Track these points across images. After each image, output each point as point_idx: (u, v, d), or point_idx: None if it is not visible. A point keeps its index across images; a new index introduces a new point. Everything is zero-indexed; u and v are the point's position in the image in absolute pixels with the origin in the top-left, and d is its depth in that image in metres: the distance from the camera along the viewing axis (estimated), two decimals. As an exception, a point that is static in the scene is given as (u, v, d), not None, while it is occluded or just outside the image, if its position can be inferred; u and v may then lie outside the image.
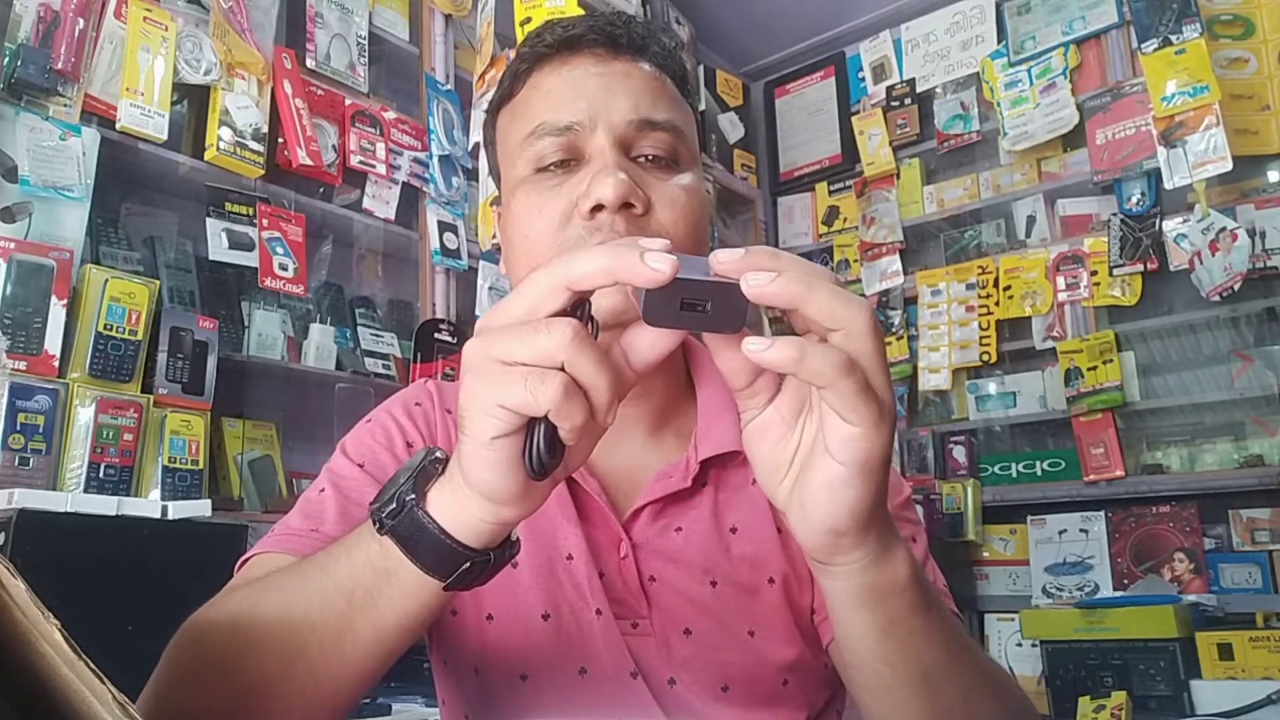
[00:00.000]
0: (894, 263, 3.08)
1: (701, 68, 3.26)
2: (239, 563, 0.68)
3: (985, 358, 2.85)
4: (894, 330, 3.04)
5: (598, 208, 0.68)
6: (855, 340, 0.43)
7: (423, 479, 0.50)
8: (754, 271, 0.42)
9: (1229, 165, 2.36)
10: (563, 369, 0.43)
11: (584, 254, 0.43)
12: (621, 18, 0.76)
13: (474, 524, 0.49)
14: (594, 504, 0.73)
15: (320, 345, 1.98)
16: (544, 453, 0.46)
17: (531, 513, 0.50)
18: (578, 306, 0.45)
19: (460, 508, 0.49)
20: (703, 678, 0.70)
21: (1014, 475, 2.79)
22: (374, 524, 0.51)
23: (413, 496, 0.50)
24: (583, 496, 0.74)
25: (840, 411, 0.43)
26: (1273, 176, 2.52)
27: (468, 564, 0.50)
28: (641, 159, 0.72)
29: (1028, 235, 2.90)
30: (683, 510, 0.74)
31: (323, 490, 0.71)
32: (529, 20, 2.03)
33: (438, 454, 0.51)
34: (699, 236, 0.73)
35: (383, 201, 2.14)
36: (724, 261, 0.43)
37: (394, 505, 0.50)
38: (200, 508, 1.43)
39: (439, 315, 2.17)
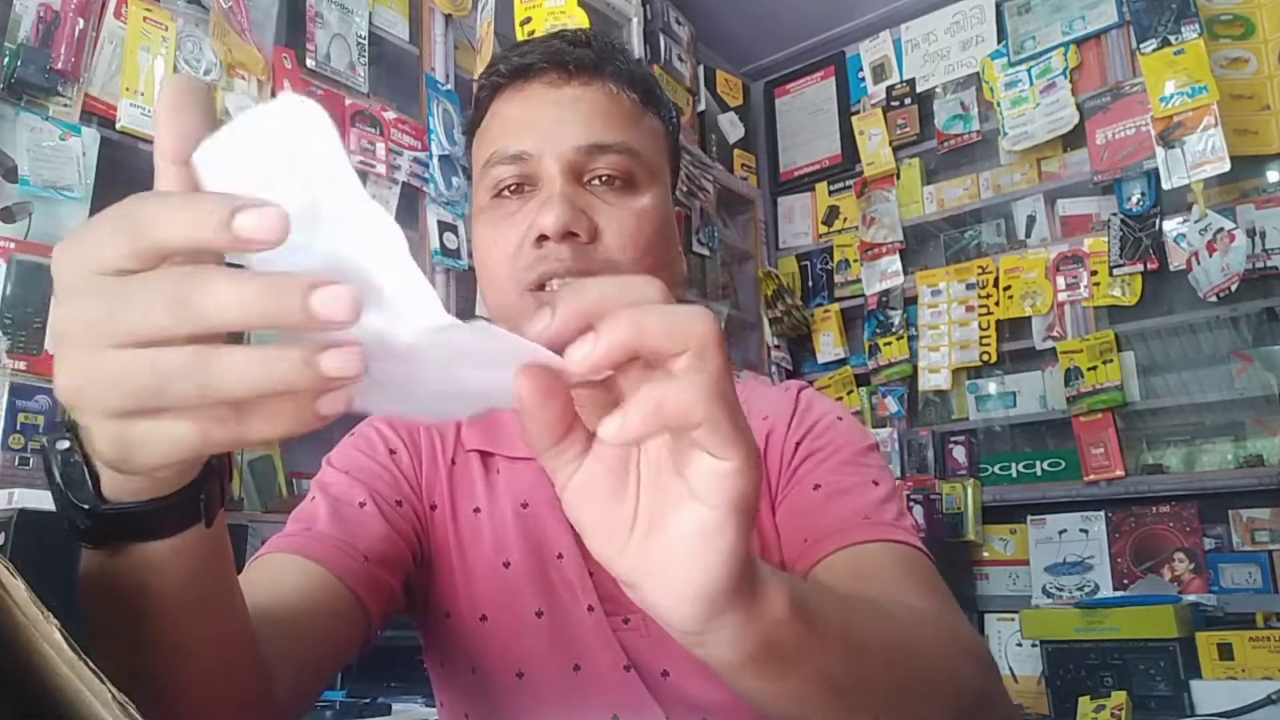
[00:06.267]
0: (894, 263, 3.07)
1: (701, 68, 3.25)
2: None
3: (985, 358, 2.85)
4: (894, 330, 3.04)
5: (543, 237, 0.70)
6: (707, 358, 0.34)
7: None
8: (574, 349, 0.34)
9: (1226, 166, 2.36)
10: None
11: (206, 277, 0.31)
12: (581, 38, 0.78)
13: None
14: None
15: (320, 345, 1.98)
16: None
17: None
18: None
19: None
20: (696, 667, 0.71)
21: (1014, 475, 2.79)
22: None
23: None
24: None
25: (713, 447, 0.35)
26: (1272, 176, 2.52)
27: (79, 513, 0.40)
28: (595, 181, 0.73)
29: (1028, 235, 2.90)
30: None
31: (313, 498, 0.74)
32: (529, 20, 2.04)
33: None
34: (653, 259, 0.74)
35: (382, 201, 2.14)
36: (540, 334, 0.35)
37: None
38: (200, 508, 1.42)
39: (439, 315, 2.17)
